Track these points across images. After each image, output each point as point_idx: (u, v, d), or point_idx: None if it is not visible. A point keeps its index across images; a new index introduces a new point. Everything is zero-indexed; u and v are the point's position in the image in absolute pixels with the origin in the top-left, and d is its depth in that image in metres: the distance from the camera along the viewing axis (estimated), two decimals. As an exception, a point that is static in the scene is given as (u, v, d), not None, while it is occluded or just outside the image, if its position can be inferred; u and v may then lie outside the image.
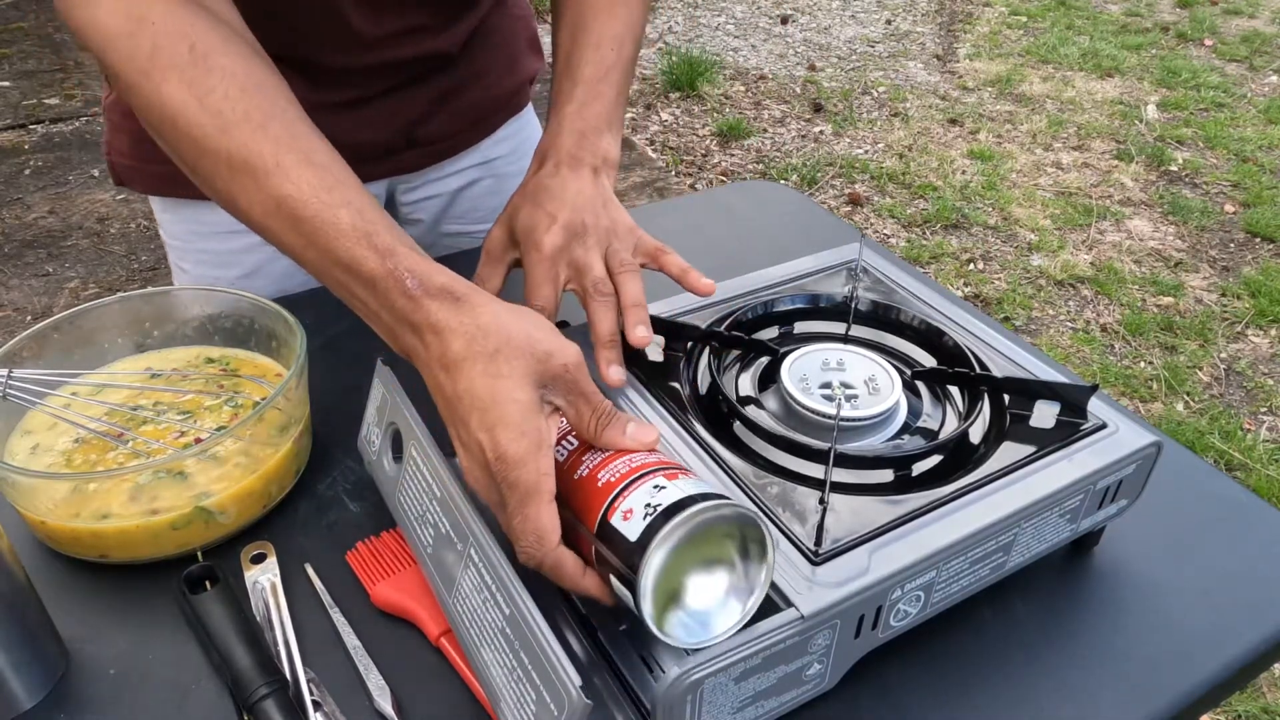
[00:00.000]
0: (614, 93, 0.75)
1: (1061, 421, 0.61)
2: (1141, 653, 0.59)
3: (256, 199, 0.56)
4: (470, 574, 0.52)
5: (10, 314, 2.32)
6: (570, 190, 0.68)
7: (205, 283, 0.93)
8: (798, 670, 0.50)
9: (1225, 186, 2.99)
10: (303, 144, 0.57)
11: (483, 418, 0.50)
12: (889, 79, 3.69)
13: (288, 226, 0.55)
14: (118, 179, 0.91)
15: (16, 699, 0.55)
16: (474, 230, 1.05)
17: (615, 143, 0.74)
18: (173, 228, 0.93)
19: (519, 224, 0.68)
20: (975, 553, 0.54)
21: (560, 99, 0.74)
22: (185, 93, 0.56)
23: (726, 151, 3.18)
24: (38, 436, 0.67)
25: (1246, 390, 2.20)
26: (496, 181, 1.03)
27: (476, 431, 0.50)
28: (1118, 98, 3.52)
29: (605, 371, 0.62)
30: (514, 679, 0.48)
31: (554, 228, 0.66)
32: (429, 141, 0.95)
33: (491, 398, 0.50)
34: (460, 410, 0.51)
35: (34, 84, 3.40)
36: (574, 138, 0.71)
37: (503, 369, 0.50)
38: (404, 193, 1.00)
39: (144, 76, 0.57)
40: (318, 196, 0.55)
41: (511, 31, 0.98)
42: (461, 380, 0.51)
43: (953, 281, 2.54)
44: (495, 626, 0.50)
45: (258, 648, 0.55)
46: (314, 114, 0.81)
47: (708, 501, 0.46)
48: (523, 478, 0.49)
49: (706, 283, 0.68)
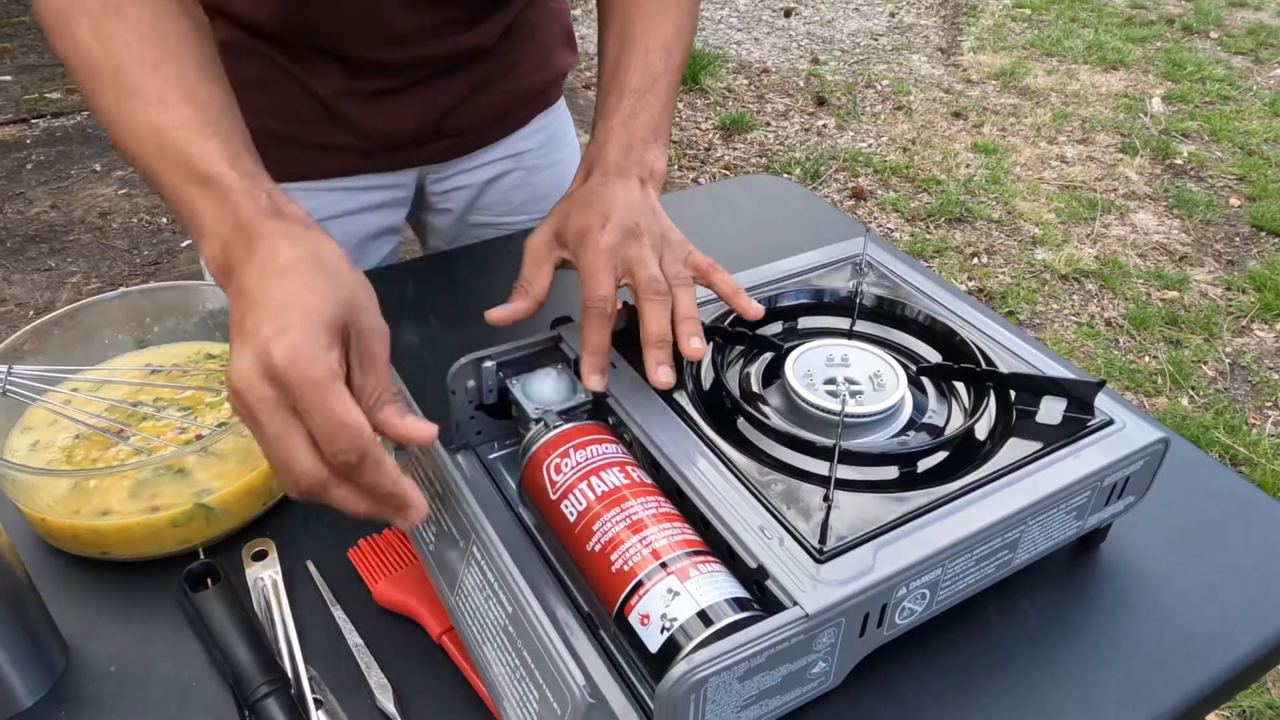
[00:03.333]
0: (661, 103, 0.74)
1: (1068, 418, 0.61)
2: (1148, 650, 0.59)
3: (132, 128, 0.57)
4: (473, 571, 0.52)
5: (13, 309, 2.32)
6: (620, 197, 0.67)
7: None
8: (802, 669, 0.50)
9: (1230, 180, 2.98)
10: (190, 86, 0.58)
11: (278, 321, 0.47)
12: (892, 72, 3.67)
13: (154, 152, 0.56)
14: None
15: (17, 697, 0.54)
16: (501, 222, 1.05)
17: (662, 155, 0.73)
18: None
19: (570, 226, 0.67)
20: (981, 550, 0.54)
21: (607, 109, 0.74)
22: (91, 36, 0.60)
23: (729, 145, 3.17)
24: (38, 433, 0.67)
25: (1251, 385, 2.19)
26: (526, 174, 1.03)
27: (263, 336, 0.46)
28: (1122, 91, 3.51)
29: (654, 372, 0.61)
30: (516, 678, 0.48)
31: (609, 225, 0.65)
32: (459, 132, 0.96)
33: (295, 304, 0.47)
34: (253, 316, 0.47)
35: (35, 78, 3.40)
36: (621, 150, 0.71)
37: (315, 286, 0.48)
38: (433, 182, 1.00)
39: (62, 22, 0.61)
40: (189, 125, 0.56)
41: (546, 25, 0.98)
42: (273, 288, 0.48)
43: (956, 276, 2.54)
44: (497, 624, 0.49)
45: (259, 645, 0.55)
46: (349, 103, 0.85)
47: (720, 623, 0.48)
48: (319, 373, 0.46)
49: (756, 307, 0.66)
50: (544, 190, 1.05)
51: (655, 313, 0.62)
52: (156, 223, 2.66)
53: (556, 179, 1.06)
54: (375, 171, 0.94)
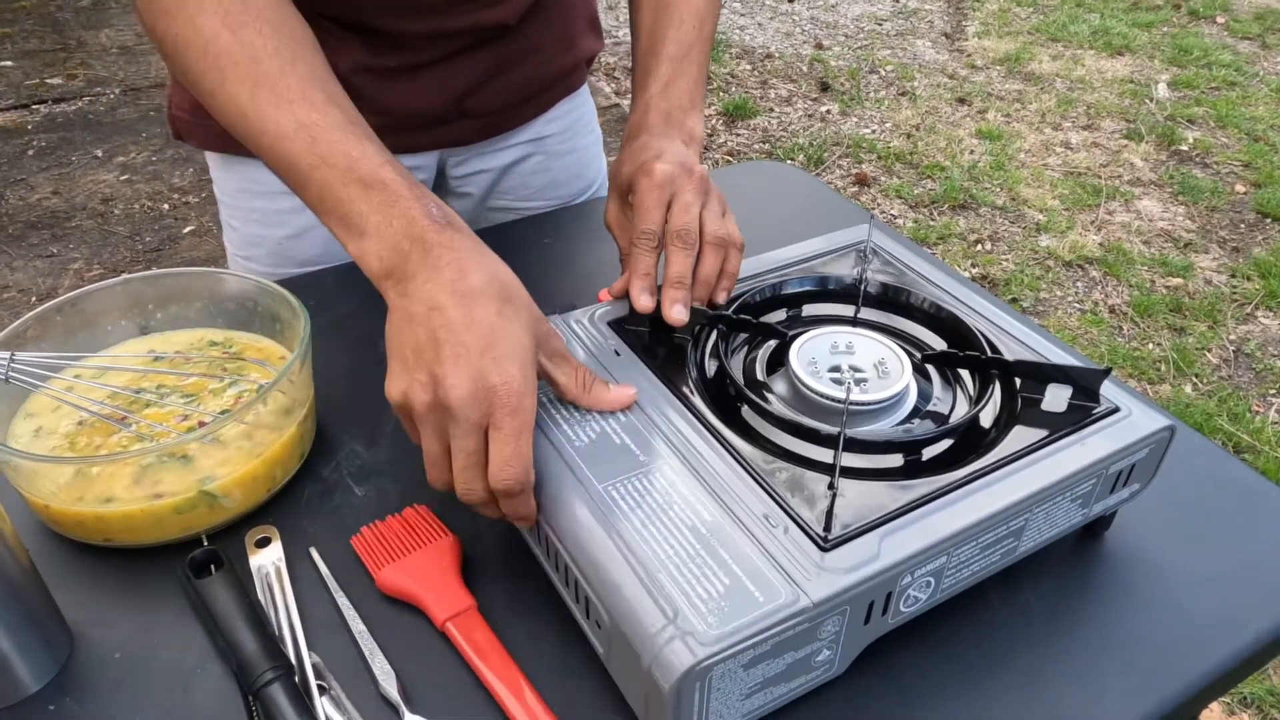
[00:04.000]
0: (696, 70, 0.77)
1: (1073, 405, 0.60)
2: (1151, 639, 0.59)
3: (273, 123, 0.59)
4: (662, 473, 0.54)
5: (15, 295, 2.32)
6: (669, 145, 0.71)
7: (252, 241, 0.95)
8: (807, 657, 0.50)
9: (1236, 166, 2.97)
10: (327, 85, 0.61)
11: (493, 349, 0.52)
12: (897, 57, 3.65)
13: (304, 147, 0.58)
14: (177, 133, 0.94)
15: (22, 683, 0.54)
16: (520, 206, 1.05)
17: (699, 120, 0.76)
18: (226, 185, 0.95)
19: (624, 174, 0.71)
20: (986, 538, 0.54)
21: (645, 78, 0.77)
22: (219, 24, 0.60)
23: (733, 131, 3.15)
24: (41, 419, 0.67)
25: (1255, 372, 2.19)
26: (546, 159, 1.03)
27: (482, 360, 0.51)
28: (1128, 76, 3.49)
29: (668, 310, 0.65)
30: (693, 569, 0.49)
31: (662, 160, 0.68)
32: (480, 113, 0.95)
33: (505, 335, 0.53)
34: (465, 337, 0.52)
35: (36, 63, 3.39)
36: (660, 117, 0.74)
37: (513, 314, 0.54)
38: (454, 166, 1.01)
39: (179, 5, 0.61)
40: (342, 127, 0.59)
41: (571, 9, 0.98)
42: (476, 311, 0.53)
43: (960, 263, 2.53)
44: (684, 525, 0.51)
45: (263, 632, 0.55)
46: (368, 78, 0.85)
47: None
48: (526, 405, 0.52)
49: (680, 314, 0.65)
50: (563, 176, 1.05)
51: (678, 258, 0.66)
52: (158, 209, 2.66)
53: (577, 166, 1.06)
54: (395, 152, 0.94)
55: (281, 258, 0.95)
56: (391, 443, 0.71)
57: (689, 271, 0.66)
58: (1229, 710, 1.46)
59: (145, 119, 3.09)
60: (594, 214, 1.03)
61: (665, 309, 0.65)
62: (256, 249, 0.96)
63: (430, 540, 0.62)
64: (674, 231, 0.66)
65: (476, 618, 0.58)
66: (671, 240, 0.66)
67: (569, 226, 1.00)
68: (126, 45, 3.56)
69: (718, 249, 0.67)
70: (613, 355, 0.64)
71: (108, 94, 3.23)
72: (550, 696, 0.54)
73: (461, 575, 0.60)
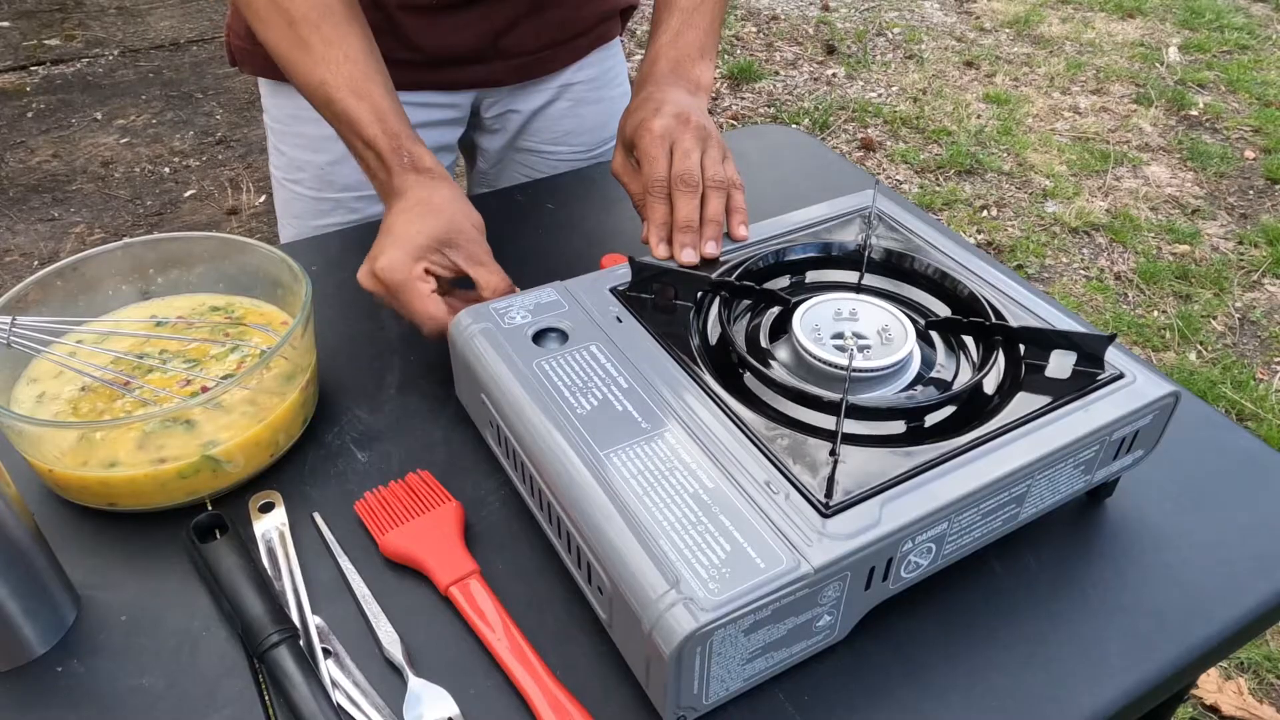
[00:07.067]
0: (708, 21, 0.80)
1: (1078, 371, 0.60)
2: (1152, 605, 0.59)
3: (306, 81, 0.73)
4: (664, 440, 0.55)
5: (17, 259, 2.31)
6: (671, 94, 0.75)
7: (297, 165, 1.00)
8: (808, 622, 0.50)
9: (1246, 132, 2.93)
10: (349, 43, 0.73)
11: (385, 238, 0.68)
12: (904, 20, 3.60)
13: (322, 103, 0.74)
14: (233, 60, 1.00)
15: (29, 645, 0.55)
16: (545, 150, 1.08)
17: (709, 70, 0.80)
18: (276, 110, 1.00)
19: (628, 126, 0.75)
20: (988, 504, 0.54)
21: (657, 27, 0.81)
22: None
23: (737, 95, 3.12)
24: (44, 384, 0.67)
25: (1260, 340, 2.18)
26: (573, 105, 1.06)
27: (375, 249, 0.68)
28: (1139, 39, 3.44)
29: (679, 253, 0.69)
30: (695, 535, 0.50)
31: (661, 111, 0.73)
32: (515, 53, 0.98)
33: (402, 233, 0.68)
34: (382, 239, 0.68)
35: (34, 24, 3.35)
36: (669, 65, 0.78)
37: (418, 223, 0.68)
38: (488, 107, 1.05)
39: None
40: (348, 86, 0.72)
41: None
42: (396, 223, 0.69)
43: (965, 229, 2.51)
44: (686, 492, 0.52)
45: (268, 596, 0.56)
46: (408, 15, 0.93)
47: None
48: (394, 278, 0.66)
49: (743, 232, 0.73)
50: (589, 124, 1.08)
51: (684, 202, 0.70)
52: (159, 173, 2.64)
53: (604, 116, 1.08)
54: (433, 89, 0.98)
55: (323, 182, 1.00)
56: (394, 408, 0.71)
57: (695, 215, 0.70)
58: (1225, 675, 1.47)
59: (144, 81, 3.07)
60: (597, 179, 1.02)
61: (675, 253, 0.70)
62: (301, 173, 1.00)
63: (433, 505, 0.62)
64: (676, 177, 0.71)
65: (479, 582, 0.58)
66: (675, 186, 0.70)
67: (571, 191, 0.99)
68: (124, 5, 3.52)
69: (719, 191, 0.71)
70: (614, 322, 0.64)
71: (106, 55, 3.20)
72: (552, 661, 0.54)
73: (464, 540, 0.61)
